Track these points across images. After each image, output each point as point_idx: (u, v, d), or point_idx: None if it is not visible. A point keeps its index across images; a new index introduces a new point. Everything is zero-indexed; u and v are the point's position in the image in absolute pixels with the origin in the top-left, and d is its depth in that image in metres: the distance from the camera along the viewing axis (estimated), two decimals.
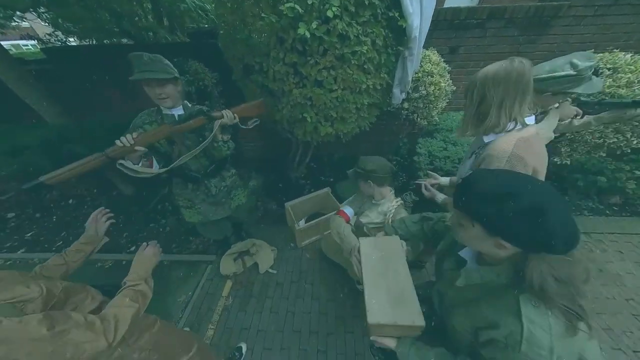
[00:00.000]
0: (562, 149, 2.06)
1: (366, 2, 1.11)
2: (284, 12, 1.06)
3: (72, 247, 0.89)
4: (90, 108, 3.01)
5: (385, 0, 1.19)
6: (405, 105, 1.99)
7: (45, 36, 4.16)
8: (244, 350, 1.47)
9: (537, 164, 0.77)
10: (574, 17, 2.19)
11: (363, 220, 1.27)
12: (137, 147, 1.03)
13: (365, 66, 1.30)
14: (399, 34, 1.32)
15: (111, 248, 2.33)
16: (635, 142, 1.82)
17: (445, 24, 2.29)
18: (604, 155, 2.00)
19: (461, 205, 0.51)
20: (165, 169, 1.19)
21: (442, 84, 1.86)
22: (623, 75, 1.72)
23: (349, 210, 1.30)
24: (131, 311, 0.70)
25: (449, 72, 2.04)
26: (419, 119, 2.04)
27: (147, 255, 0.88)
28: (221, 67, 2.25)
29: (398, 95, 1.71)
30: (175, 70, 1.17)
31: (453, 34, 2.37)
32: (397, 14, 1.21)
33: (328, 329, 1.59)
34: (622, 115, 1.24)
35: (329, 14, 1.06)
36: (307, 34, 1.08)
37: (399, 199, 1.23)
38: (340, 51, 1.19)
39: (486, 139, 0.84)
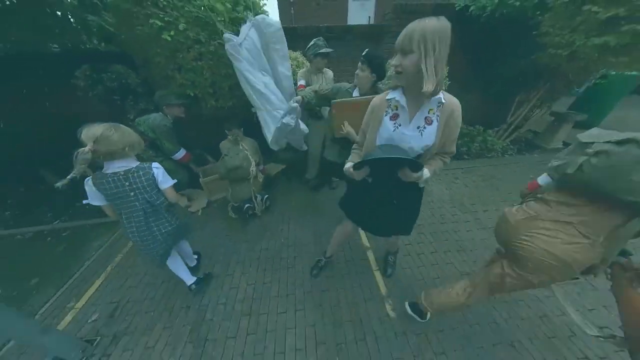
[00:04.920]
0: None
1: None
2: (152, 23, 1.75)
3: None
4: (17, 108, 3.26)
5: None
6: None
7: None
8: None
9: None
10: (395, 32, 3.33)
11: None
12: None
13: (223, 59, 2.02)
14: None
15: (34, 220, 2.60)
16: None
17: (319, 36, 3.25)
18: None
19: None
20: None
21: None
22: None
23: None
24: None
25: None
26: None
27: None
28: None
29: (274, 143, 2.05)
30: None
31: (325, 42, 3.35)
32: None
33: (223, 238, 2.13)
34: None
35: (180, 27, 1.81)
36: (169, 38, 1.78)
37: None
38: (198, 50, 1.93)
39: (442, 98, 0.88)
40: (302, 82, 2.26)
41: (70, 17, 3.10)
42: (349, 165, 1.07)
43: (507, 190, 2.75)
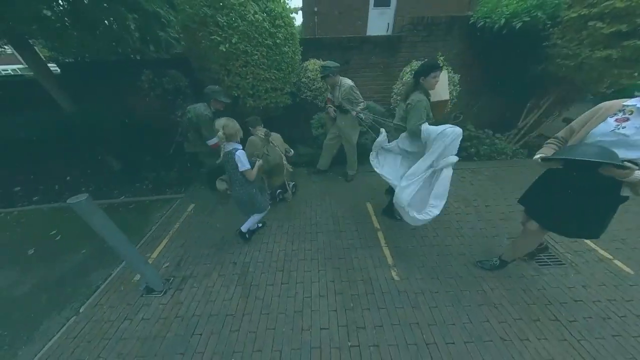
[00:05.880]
0: None
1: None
2: (213, 38, 2.26)
3: None
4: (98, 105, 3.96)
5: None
6: (309, 93, 3.25)
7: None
8: None
9: None
10: (410, 42, 3.65)
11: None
12: None
13: (262, 66, 2.52)
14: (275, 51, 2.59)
15: (105, 195, 3.23)
16: None
17: (340, 46, 3.67)
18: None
19: None
20: None
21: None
22: None
23: None
24: None
25: None
26: (317, 102, 3.30)
27: None
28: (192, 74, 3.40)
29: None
30: None
31: (346, 52, 3.75)
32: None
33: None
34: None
35: (233, 40, 2.29)
36: (224, 49, 2.28)
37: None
38: (244, 60, 2.41)
39: None
40: (329, 96, 2.74)
41: (137, 31, 3.78)
42: (537, 156, 1.22)
43: (510, 189, 2.97)
